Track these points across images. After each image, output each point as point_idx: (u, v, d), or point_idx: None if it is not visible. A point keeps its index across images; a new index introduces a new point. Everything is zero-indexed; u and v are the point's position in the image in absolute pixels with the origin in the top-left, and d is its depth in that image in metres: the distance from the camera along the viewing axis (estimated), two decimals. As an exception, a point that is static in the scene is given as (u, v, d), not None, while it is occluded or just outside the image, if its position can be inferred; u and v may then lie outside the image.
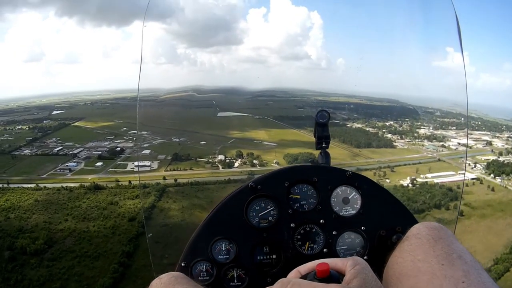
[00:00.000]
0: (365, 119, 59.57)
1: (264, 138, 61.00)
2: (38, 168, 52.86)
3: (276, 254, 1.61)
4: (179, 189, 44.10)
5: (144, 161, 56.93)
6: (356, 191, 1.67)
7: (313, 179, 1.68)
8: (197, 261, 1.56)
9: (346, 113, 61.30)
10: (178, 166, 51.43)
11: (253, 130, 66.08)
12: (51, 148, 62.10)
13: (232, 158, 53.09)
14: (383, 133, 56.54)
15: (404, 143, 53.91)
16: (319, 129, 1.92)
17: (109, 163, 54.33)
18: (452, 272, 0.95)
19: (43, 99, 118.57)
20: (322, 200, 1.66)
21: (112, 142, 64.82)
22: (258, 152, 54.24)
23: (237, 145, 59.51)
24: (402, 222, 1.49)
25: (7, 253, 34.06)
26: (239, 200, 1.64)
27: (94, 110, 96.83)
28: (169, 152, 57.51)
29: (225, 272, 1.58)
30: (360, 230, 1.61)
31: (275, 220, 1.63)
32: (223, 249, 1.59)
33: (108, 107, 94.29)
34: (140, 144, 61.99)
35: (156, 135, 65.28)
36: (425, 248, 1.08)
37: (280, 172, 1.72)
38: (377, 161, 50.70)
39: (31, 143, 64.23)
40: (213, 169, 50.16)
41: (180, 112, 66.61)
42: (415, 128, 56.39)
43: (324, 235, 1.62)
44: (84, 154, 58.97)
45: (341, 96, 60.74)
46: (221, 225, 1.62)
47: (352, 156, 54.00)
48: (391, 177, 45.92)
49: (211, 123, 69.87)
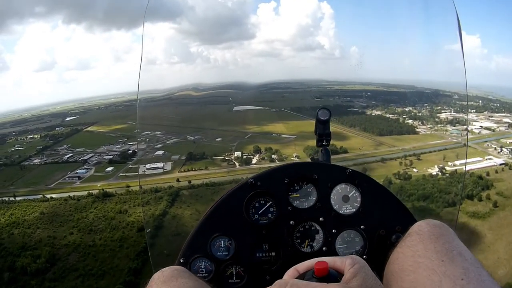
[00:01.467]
0: (384, 106, 58.00)
1: (282, 131, 56.59)
2: (47, 178, 49.96)
3: (275, 252, 1.59)
4: (194, 192, 39.53)
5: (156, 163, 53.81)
6: (356, 189, 1.63)
7: (313, 176, 1.64)
8: (196, 257, 1.54)
9: (364, 101, 61.18)
10: (193, 166, 46.95)
11: (270, 124, 62.18)
12: (61, 155, 59.75)
13: (250, 154, 48.18)
14: (404, 119, 54.52)
15: (427, 128, 52.07)
16: (320, 126, 1.88)
17: (120, 167, 50.68)
18: (451, 268, 0.93)
19: (57, 106, 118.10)
20: (321, 198, 1.63)
21: (124, 145, 61.61)
22: (277, 146, 49.59)
23: (254, 140, 54.95)
24: (402, 222, 1.48)
25: (7, 275, 30.54)
26: (238, 196, 1.61)
27: (107, 113, 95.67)
28: (184, 152, 53.28)
29: (224, 269, 1.55)
30: (359, 229, 1.57)
31: (275, 217, 1.60)
32: (222, 245, 1.56)
33: (122, 109, 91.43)
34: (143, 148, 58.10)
35: (170, 135, 62.19)
36: (426, 244, 1.05)
37: (279, 169, 1.70)
38: (401, 149, 48.08)
39: (42, 152, 61.96)
40: (230, 167, 45.40)
41: (195, 110, 63.95)
42: (435, 113, 54.04)
43: (324, 233, 1.59)
44: (95, 160, 55.79)
45: (357, 84, 63.52)
46: (220, 221, 1.58)
47: (375, 145, 50.98)
48: (418, 165, 43.15)
49: (226, 119, 66.26)
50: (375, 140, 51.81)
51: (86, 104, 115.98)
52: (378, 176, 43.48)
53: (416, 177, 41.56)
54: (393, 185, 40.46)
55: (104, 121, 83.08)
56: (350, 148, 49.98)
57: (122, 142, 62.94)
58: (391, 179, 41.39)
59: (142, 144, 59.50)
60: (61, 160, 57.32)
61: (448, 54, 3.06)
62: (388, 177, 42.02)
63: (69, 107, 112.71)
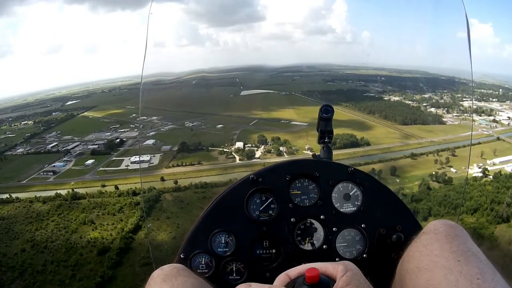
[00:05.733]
0: (401, 92, 53.73)
1: (292, 117, 47.88)
2: (22, 172, 42.44)
3: (276, 249, 1.51)
4: (178, 197, 30.40)
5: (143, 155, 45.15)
6: (357, 188, 1.57)
7: (315, 174, 1.58)
8: (197, 253, 1.45)
9: (379, 86, 57.25)
10: (183, 160, 37.84)
11: (279, 109, 54.15)
12: (46, 144, 52.60)
13: (253, 145, 38.67)
14: (425, 106, 50.04)
15: (453, 117, 46.81)
16: (322, 123, 1.80)
17: (102, 159, 42.31)
18: (467, 268, 0.94)
19: (63, 90, 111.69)
20: (323, 196, 1.57)
21: (114, 132, 53.57)
22: (286, 135, 40.40)
23: (260, 127, 45.84)
24: (402, 222, 1.45)
25: None
26: (239, 192, 1.52)
27: (109, 97, 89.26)
28: (178, 141, 44.37)
29: (224, 265, 1.47)
30: (360, 227, 1.52)
31: (276, 214, 1.52)
32: (223, 241, 1.49)
33: (125, 93, 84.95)
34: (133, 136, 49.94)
35: (168, 121, 53.79)
36: (442, 244, 1.05)
37: (281, 165, 1.62)
38: (430, 141, 42.48)
39: (29, 140, 55.33)
40: (228, 162, 36.02)
41: (200, 94, 56.49)
42: (458, 100, 49.56)
43: (324, 231, 1.53)
44: (78, 150, 47.80)
45: (369, 69, 60.79)
46: (221, 217, 1.50)
47: (401, 136, 44.29)
48: (455, 163, 37.17)
49: (231, 103, 58.62)
50: (399, 130, 45.44)
51: (91, 88, 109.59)
52: (412, 178, 35.62)
53: (458, 179, 34.47)
54: (433, 192, 31.78)
55: (103, 105, 76.21)
56: (373, 139, 42.43)
57: (113, 129, 55.52)
58: (428, 182, 34.05)
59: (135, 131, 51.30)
60: (44, 149, 50.19)
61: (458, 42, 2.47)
62: (425, 181, 32.79)
63: (74, 91, 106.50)
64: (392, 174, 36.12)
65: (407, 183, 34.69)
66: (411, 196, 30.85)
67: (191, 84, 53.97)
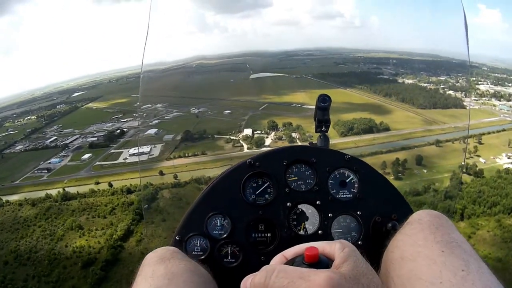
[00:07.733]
0: (415, 74, 51.78)
1: (304, 101, 43.22)
2: (18, 170, 39.23)
3: (271, 233, 1.49)
4: (177, 193, 26.14)
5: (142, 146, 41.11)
6: (354, 175, 1.55)
7: (312, 160, 1.56)
8: (192, 235, 1.43)
9: (392, 68, 55.83)
10: (186, 151, 33.52)
11: (290, 93, 50.10)
12: (46, 139, 50.15)
13: (263, 132, 33.96)
14: (443, 89, 47.50)
15: (472, 102, 45.59)
16: (319, 112, 1.78)
17: (100, 152, 38.60)
18: (451, 259, 0.91)
19: (71, 82, 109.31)
20: (319, 182, 1.54)
21: (116, 122, 49.89)
22: (298, 120, 35.48)
23: (270, 112, 41.51)
24: (398, 210, 1.44)
25: None
26: (236, 176, 1.50)
27: (116, 86, 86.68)
28: (182, 129, 40.14)
29: (219, 248, 1.45)
30: (355, 214, 1.50)
31: (272, 198, 1.50)
32: (218, 224, 1.47)
33: (132, 81, 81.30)
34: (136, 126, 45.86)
35: (173, 107, 49.60)
36: (426, 234, 1.02)
37: (279, 150, 1.60)
38: (453, 127, 39.47)
39: (29, 136, 53.49)
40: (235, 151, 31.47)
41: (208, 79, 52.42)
42: (474, 84, 48.03)
43: (320, 217, 1.50)
44: (77, 143, 44.40)
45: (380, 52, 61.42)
46: (217, 200, 1.48)
47: (423, 121, 41.04)
48: (483, 152, 34.61)
49: (240, 88, 54.72)
50: (419, 114, 42.11)
51: (98, 78, 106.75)
52: (440, 168, 31.30)
53: (489, 170, 31.05)
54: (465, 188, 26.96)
55: (108, 95, 73.19)
56: (392, 124, 38.60)
57: (115, 119, 52.17)
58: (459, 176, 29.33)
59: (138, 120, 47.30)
60: (43, 145, 47.48)
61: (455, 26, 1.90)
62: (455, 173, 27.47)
63: (81, 83, 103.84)
64: (418, 163, 32.23)
65: (435, 174, 30.92)
66: (444, 192, 26.09)
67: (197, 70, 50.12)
